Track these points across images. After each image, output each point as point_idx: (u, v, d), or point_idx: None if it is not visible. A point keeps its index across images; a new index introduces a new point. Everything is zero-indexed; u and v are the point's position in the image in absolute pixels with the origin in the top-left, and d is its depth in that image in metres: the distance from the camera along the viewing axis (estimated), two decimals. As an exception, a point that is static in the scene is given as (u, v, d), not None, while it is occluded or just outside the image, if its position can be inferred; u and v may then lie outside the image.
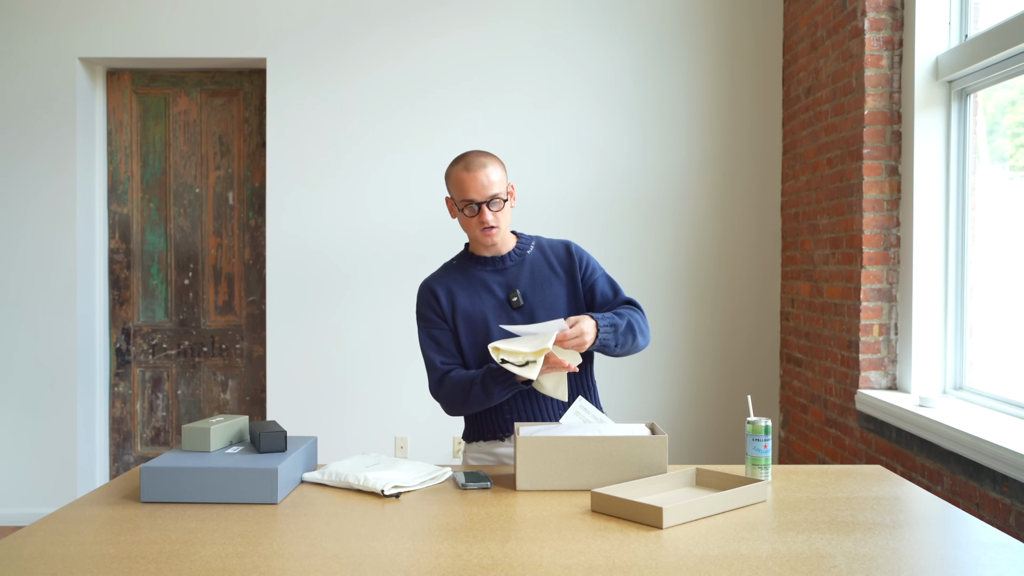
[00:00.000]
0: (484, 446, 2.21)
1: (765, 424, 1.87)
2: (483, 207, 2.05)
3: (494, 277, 2.16)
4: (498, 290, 2.14)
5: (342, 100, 4.01)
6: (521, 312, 2.13)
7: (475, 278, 2.16)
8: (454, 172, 2.08)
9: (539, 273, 2.16)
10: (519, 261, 2.17)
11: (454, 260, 2.23)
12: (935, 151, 2.97)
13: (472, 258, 2.19)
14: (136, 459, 4.27)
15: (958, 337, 2.94)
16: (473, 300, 2.14)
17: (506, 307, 2.13)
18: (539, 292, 2.15)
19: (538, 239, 2.24)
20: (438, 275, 2.21)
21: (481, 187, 2.04)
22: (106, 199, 4.25)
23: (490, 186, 2.05)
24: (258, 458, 1.83)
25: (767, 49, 4.01)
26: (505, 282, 2.15)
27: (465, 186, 2.05)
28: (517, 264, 2.17)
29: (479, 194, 2.04)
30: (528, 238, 2.22)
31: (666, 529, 1.57)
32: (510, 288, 2.14)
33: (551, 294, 2.15)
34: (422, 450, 4.01)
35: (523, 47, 4.00)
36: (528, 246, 2.20)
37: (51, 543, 1.51)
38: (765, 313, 4.03)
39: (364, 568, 1.39)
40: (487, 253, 2.17)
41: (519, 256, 2.18)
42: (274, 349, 4.03)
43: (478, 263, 2.18)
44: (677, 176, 4.01)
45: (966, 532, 1.62)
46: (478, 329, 2.12)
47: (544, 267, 2.17)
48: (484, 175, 2.04)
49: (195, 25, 4.00)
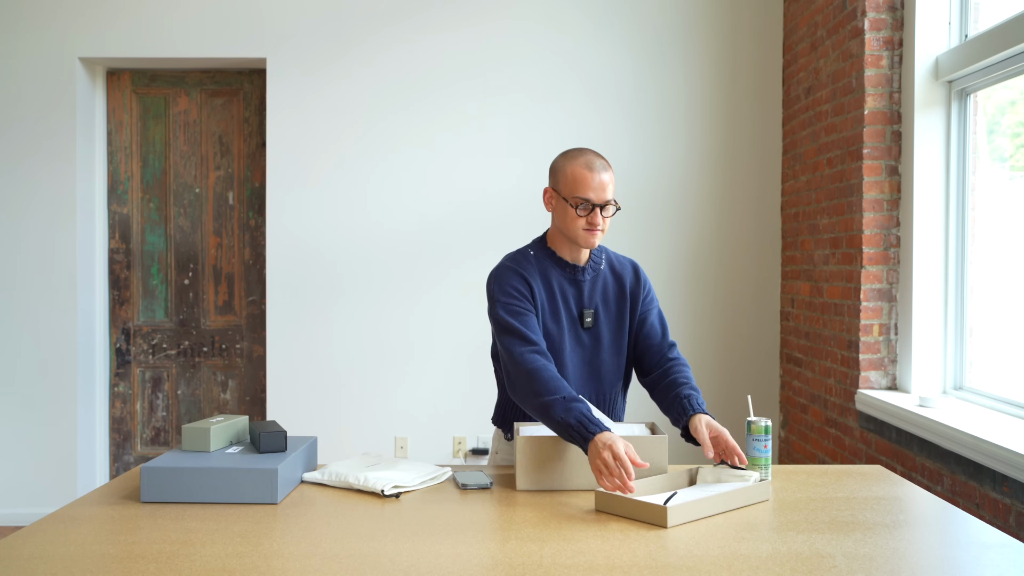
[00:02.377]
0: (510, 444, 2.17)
1: (765, 424, 1.87)
2: (597, 209, 2.00)
3: (570, 288, 2.09)
4: (573, 303, 2.09)
5: (342, 100, 4.01)
6: (591, 332, 2.09)
7: (552, 282, 2.08)
8: (573, 167, 2.02)
9: (610, 293, 2.12)
10: (594, 276, 2.12)
11: (531, 250, 2.12)
12: (935, 151, 2.97)
13: (552, 256, 2.10)
14: (136, 459, 4.27)
15: (958, 337, 2.94)
16: (552, 305, 2.07)
17: (577, 324, 2.09)
18: (607, 313, 2.11)
19: (607, 252, 2.17)
20: (524, 261, 2.08)
21: (602, 189, 2.00)
22: (106, 199, 4.25)
23: (608, 190, 2.01)
24: (258, 458, 1.83)
25: (767, 49, 4.01)
26: (579, 296, 2.09)
27: (586, 184, 1.99)
28: (592, 279, 2.11)
29: (598, 196, 2.00)
30: (599, 249, 2.16)
31: (668, 529, 1.57)
32: (584, 306, 2.09)
33: (617, 316, 2.11)
34: (422, 450, 4.01)
35: (523, 47, 4.00)
36: (600, 260, 2.14)
37: (51, 543, 1.51)
38: (765, 313, 4.03)
39: (364, 568, 1.39)
40: (569, 257, 2.09)
41: (594, 271, 2.12)
42: (274, 349, 4.03)
43: (557, 265, 2.09)
44: (677, 176, 4.01)
45: (966, 532, 1.62)
46: (550, 335, 2.05)
47: (614, 287, 2.13)
48: (604, 177, 2.01)
49: (195, 25, 4.01)
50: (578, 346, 2.08)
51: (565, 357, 2.05)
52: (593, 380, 2.10)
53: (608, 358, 2.10)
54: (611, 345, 2.11)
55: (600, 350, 2.10)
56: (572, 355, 2.07)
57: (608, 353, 2.10)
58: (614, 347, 2.11)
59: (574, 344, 2.07)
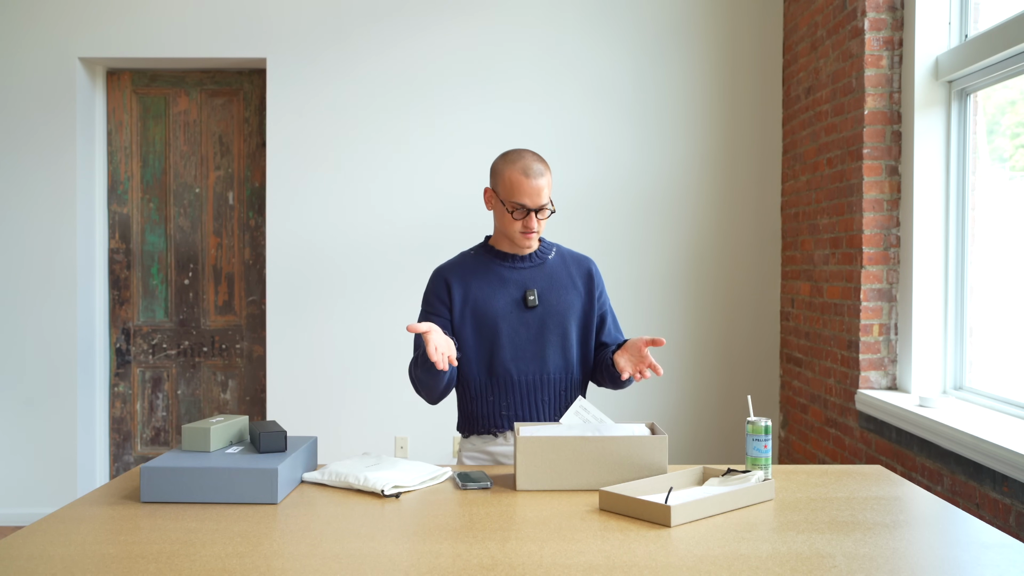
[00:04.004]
0: (478, 443, 2.22)
1: (765, 424, 1.87)
2: (532, 214, 2.09)
3: (512, 274, 2.18)
4: (514, 287, 2.17)
5: (342, 100, 4.01)
6: (534, 312, 2.15)
7: (492, 272, 2.18)
8: (510, 173, 2.09)
9: (558, 279, 2.19)
10: (539, 263, 2.20)
11: (472, 251, 2.25)
12: (935, 151, 2.97)
13: (492, 251, 2.21)
14: (136, 459, 4.27)
15: (958, 337, 2.94)
16: (487, 293, 2.15)
17: (520, 305, 2.15)
18: (555, 296, 2.18)
19: (559, 247, 2.27)
20: (455, 264, 2.23)
21: (536, 195, 2.07)
22: (106, 199, 4.25)
23: (543, 196, 2.09)
24: (258, 458, 1.82)
25: (767, 49, 4.01)
26: (522, 280, 2.17)
27: (521, 190, 2.07)
28: (537, 266, 2.20)
29: (532, 201, 2.08)
30: (549, 244, 2.25)
31: (667, 529, 1.57)
32: (527, 287, 2.16)
33: (566, 301, 2.18)
34: (422, 450, 4.01)
35: (523, 47, 4.00)
36: (549, 251, 2.23)
37: (51, 543, 1.51)
38: (765, 313, 4.03)
39: (364, 568, 1.39)
40: (509, 249, 2.19)
41: (540, 259, 2.21)
42: (274, 349, 4.03)
43: (497, 257, 2.19)
44: (677, 176, 4.01)
45: (966, 532, 1.62)
46: (487, 323, 2.14)
47: (563, 275, 2.21)
48: (540, 183, 2.08)
49: (195, 25, 4.00)
50: (522, 326, 2.15)
51: (502, 338, 2.14)
52: (538, 359, 2.16)
53: (555, 339, 2.16)
54: (557, 328, 2.16)
55: (545, 330, 2.16)
56: (514, 334, 2.14)
57: (554, 334, 2.16)
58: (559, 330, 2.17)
59: (517, 324, 2.15)
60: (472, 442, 2.24)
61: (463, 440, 2.27)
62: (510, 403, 2.16)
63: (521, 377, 2.15)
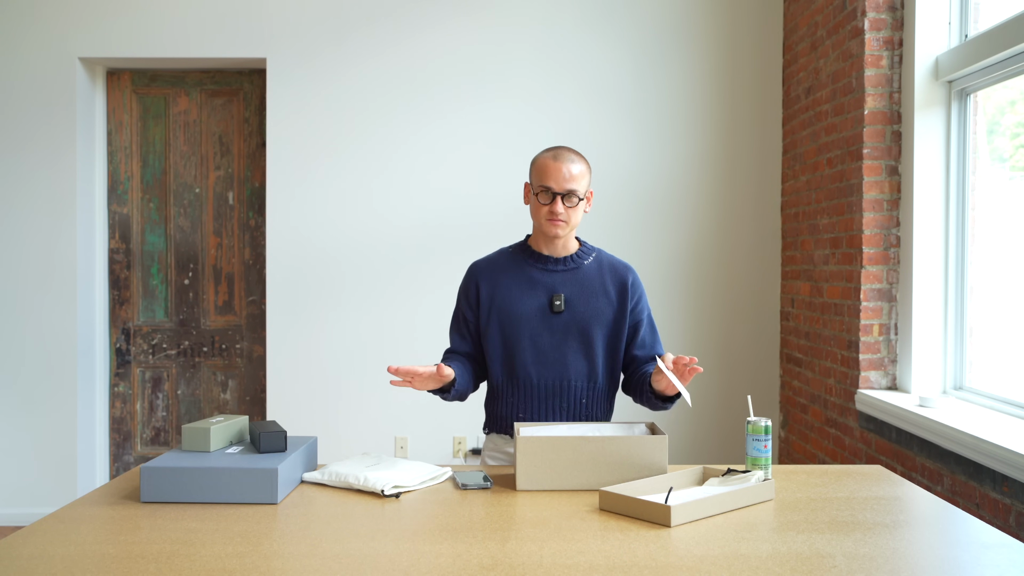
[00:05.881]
0: (499, 443, 2.22)
1: (765, 424, 1.87)
2: (557, 198, 2.06)
3: (543, 276, 2.15)
4: (542, 291, 2.14)
5: (342, 100, 4.01)
6: (559, 318, 2.12)
7: (524, 273, 2.16)
8: (540, 158, 2.11)
9: (589, 285, 2.15)
10: (573, 268, 2.16)
11: (510, 248, 2.23)
12: (935, 151, 2.97)
13: (528, 251, 2.19)
14: (136, 459, 4.27)
15: (958, 337, 2.94)
16: (515, 295, 2.14)
17: (546, 309, 2.13)
18: (583, 303, 2.13)
19: (600, 252, 2.22)
20: (489, 261, 2.22)
21: (562, 178, 2.05)
22: (106, 199, 4.25)
23: (570, 180, 2.06)
24: (258, 458, 1.82)
25: (767, 49, 4.01)
26: (552, 284, 2.14)
27: (547, 173, 2.06)
28: (570, 270, 2.16)
29: (557, 184, 2.05)
30: (590, 248, 2.21)
31: (667, 529, 1.57)
32: (555, 291, 2.13)
33: (594, 309, 2.14)
34: (422, 450, 4.01)
35: (522, 47, 4.00)
36: (587, 256, 2.19)
37: (51, 543, 1.51)
38: (765, 313, 4.03)
39: (364, 568, 1.39)
40: (546, 251, 2.16)
41: (575, 263, 2.17)
42: (274, 349, 4.03)
43: (531, 257, 2.17)
44: (677, 176, 4.01)
45: (966, 532, 1.62)
46: (511, 324, 2.13)
47: (596, 282, 2.16)
48: (568, 168, 2.06)
49: (195, 25, 4.01)
50: (545, 331, 2.12)
51: (524, 340, 2.12)
52: (559, 365, 2.12)
53: (578, 346, 2.13)
54: (582, 335, 2.12)
55: (569, 336, 2.12)
56: (537, 338, 2.12)
57: (578, 341, 2.13)
58: (584, 337, 2.13)
59: (541, 328, 2.12)
60: (493, 440, 2.23)
61: (487, 438, 2.27)
62: (528, 406, 2.14)
63: (541, 381, 2.13)
